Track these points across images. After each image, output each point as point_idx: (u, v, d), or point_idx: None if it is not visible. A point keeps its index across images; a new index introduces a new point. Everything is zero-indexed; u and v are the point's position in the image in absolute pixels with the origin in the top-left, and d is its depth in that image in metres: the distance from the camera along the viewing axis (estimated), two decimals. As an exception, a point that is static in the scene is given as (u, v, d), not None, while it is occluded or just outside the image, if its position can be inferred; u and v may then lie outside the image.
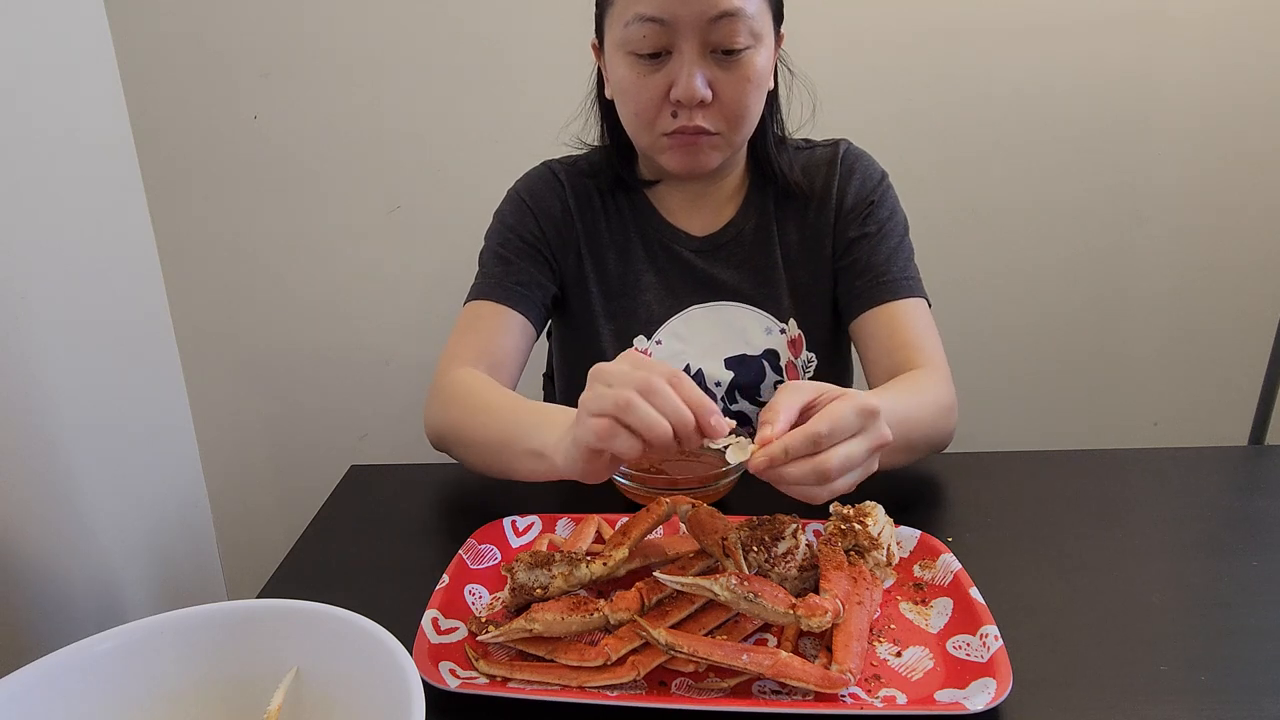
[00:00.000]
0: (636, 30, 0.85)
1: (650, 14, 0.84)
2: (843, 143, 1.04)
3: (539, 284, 1.00)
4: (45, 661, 0.51)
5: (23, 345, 0.91)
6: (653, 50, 0.86)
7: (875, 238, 0.99)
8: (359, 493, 0.91)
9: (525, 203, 1.02)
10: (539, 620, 0.59)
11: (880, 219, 1.00)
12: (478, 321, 0.97)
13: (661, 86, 0.88)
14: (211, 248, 1.60)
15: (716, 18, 0.84)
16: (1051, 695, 0.57)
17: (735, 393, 1.00)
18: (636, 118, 0.91)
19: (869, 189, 1.01)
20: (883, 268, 0.98)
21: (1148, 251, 1.69)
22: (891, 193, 1.03)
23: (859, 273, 0.99)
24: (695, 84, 0.86)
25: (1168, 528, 0.79)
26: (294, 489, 1.75)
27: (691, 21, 0.84)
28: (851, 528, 0.69)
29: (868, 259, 0.99)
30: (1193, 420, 1.81)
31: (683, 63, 0.86)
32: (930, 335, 0.95)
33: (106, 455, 1.04)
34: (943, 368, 0.92)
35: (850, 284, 0.99)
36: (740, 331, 1.00)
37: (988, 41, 1.54)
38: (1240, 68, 1.57)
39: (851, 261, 0.99)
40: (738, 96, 0.88)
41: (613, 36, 0.90)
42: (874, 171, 1.03)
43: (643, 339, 1.00)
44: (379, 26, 1.50)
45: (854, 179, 1.01)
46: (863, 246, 0.99)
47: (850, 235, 1.00)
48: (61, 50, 0.99)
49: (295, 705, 0.54)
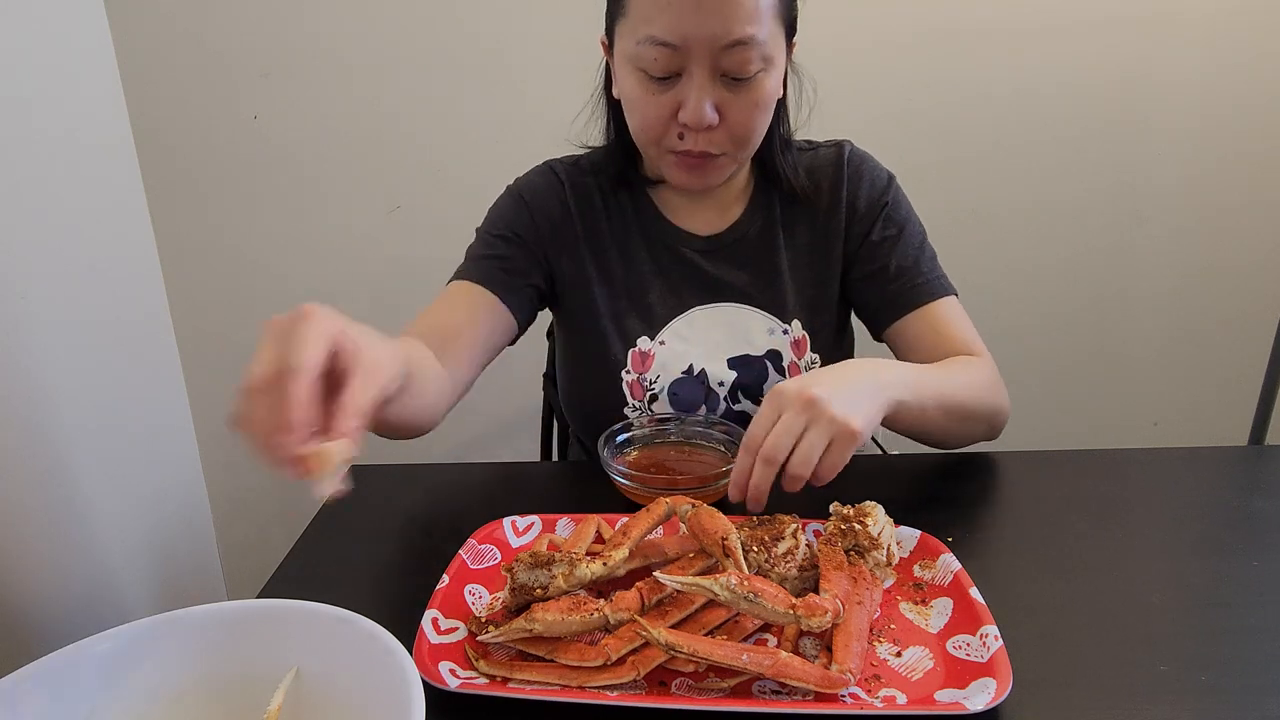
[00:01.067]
0: (648, 51, 0.84)
1: (663, 38, 0.83)
2: (846, 144, 1.04)
3: (520, 271, 0.98)
4: (45, 661, 0.51)
5: (23, 345, 0.91)
6: (663, 73, 0.85)
7: (898, 240, 0.99)
8: (359, 493, 0.91)
9: (523, 199, 1.02)
10: (539, 620, 0.59)
11: (899, 220, 1.00)
12: (442, 299, 0.96)
13: (670, 106, 0.87)
14: (211, 248, 1.60)
15: (729, 45, 0.82)
16: (1051, 695, 0.57)
17: (738, 392, 0.99)
18: (643, 133, 0.91)
19: (879, 191, 1.01)
20: (914, 270, 0.98)
21: (1148, 251, 1.69)
22: (902, 193, 1.03)
23: (891, 277, 0.98)
24: (704, 110, 0.85)
25: (1168, 528, 0.79)
26: (294, 489, 1.74)
27: (703, 47, 0.83)
28: (851, 528, 0.69)
29: (898, 263, 0.98)
30: (1193, 420, 1.81)
31: (692, 87, 0.85)
32: (970, 329, 0.98)
33: (106, 455, 1.04)
34: (987, 354, 0.97)
35: (883, 289, 0.99)
36: (743, 332, 1.00)
37: (988, 41, 1.54)
38: (1240, 68, 1.57)
39: (879, 267, 0.99)
40: (745, 120, 0.88)
41: (623, 48, 0.88)
42: (881, 173, 1.03)
43: (646, 339, 1.00)
44: (379, 26, 1.50)
45: (863, 182, 1.01)
46: (887, 250, 0.99)
47: (872, 239, 0.99)
48: (61, 50, 0.99)
49: (295, 705, 0.54)
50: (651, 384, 0.98)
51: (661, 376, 0.98)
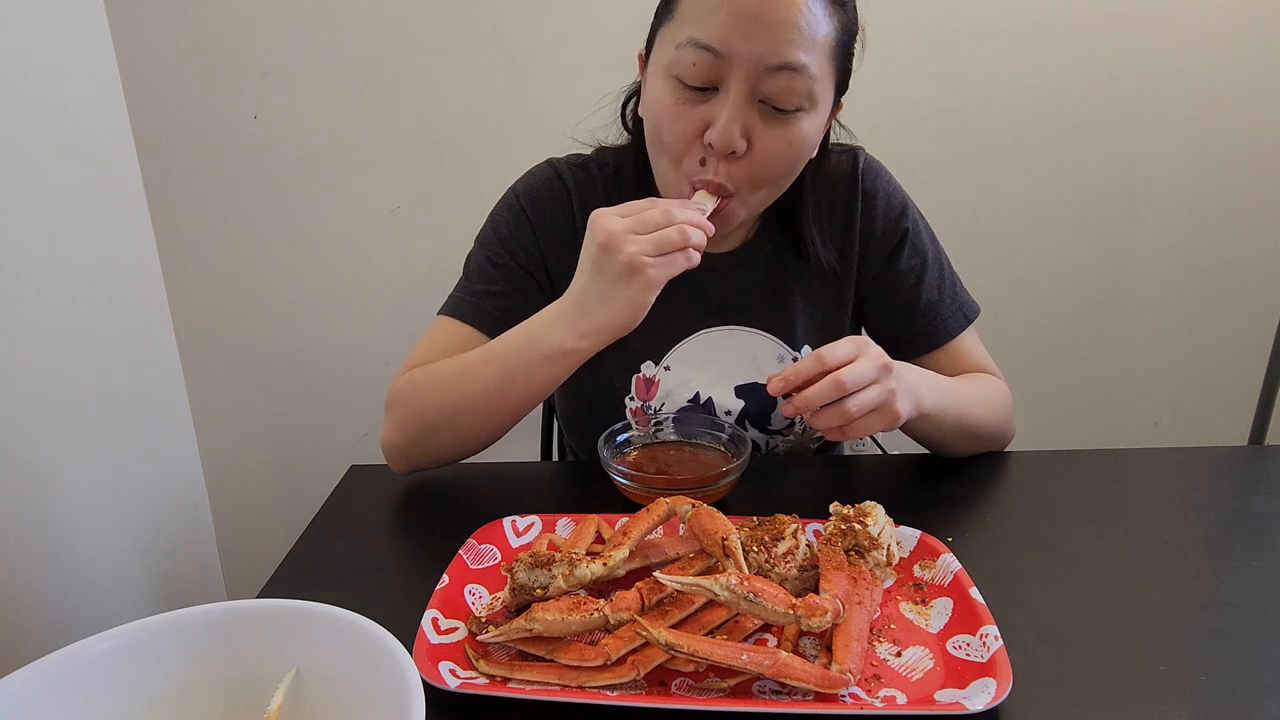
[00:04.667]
0: (688, 55, 0.78)
1: (706, 41, 0.77)
2: (860, 153, 0.98)
3: (518, 310, 0.88)
4: (45, 661, 0.51)
5: (23, 345, 0.91)
6: (700, 82, 0.79)
7: (924, 271, 0.97)
8: (359, 493, 0.91)
9: (524, 211, 0.95)
10: (539, 620, 0.59)
11: (921, 249, 0.97)
12: (444, 340, 0.91)
13: (698, 122, 0.80)
14: (211, 248, 1.60)
15: (776, 67, 0.76)
16: (1051, 695, 0.57)
17: (745, 421, 0.96)
18: (666, 149, 0.84)
19: (896, 213, 0.97)
20: (937, 305, 0.97)
21: (1148, 251, 1.69)
22: (918, 213, 0.99)
23: (920, 313, 0.96)
24: (733, 132, 0.78)
25: (1168, 528, 0.79)
26: (294, 489, 1.75)
27: (748, 62, 0.76)
28: (851, 528, 0.69)
29: (926, 297, 0.96)
30: (1193, 420, 1.81)
31: (726, 103, 0.78)
32: (985, 356, 1.00)
33: (107, 455, 1.04)
34: (1002, 376, 0.98)
35: (909, 324, 0.97)
36: (751, 359, 0.96)
37: (988, 41, 1.54)
38: (1240, 68, 1.57)
39: (906, 301, 0.97)
40: (773, 156, 0.81)
41: (661, 55, 0.82)
42: (898, 194, 0.98)
43: (650, 364, 0.96)
44: (379, 26, 1.50)
45: (878, 202, 0.97)
46: (914, 282, 0.96)
47: (898, 268, 0.96)
48: (61, 50, 0.99)
49: (295, 705, 0.54)
50: (656, 411, 0.96)
51: (667, 404, 0.96)
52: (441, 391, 0.85)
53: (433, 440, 0.87)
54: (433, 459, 0.89)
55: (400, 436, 0.88)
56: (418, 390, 0.87)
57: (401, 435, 0.88)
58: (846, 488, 0.75)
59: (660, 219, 0.74)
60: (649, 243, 0.73)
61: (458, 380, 0.84)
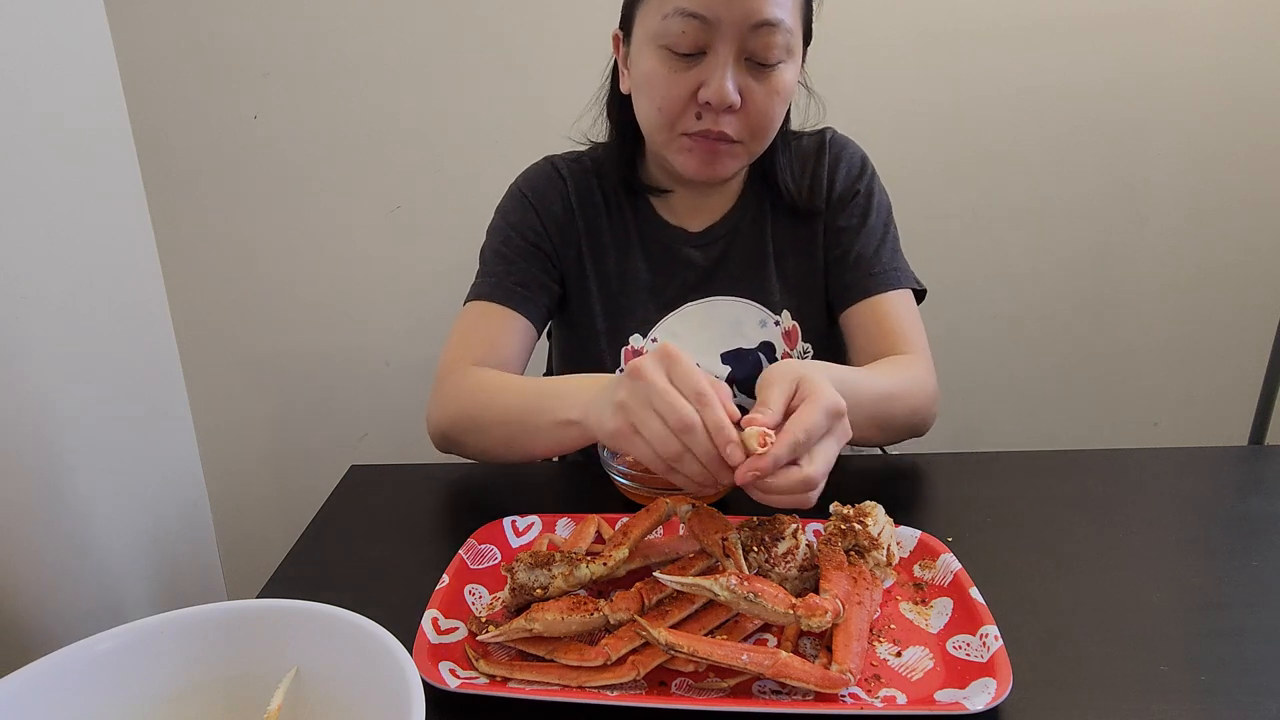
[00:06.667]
0: (676, 24, 0.84)
1: (693, 9, 0.83)
2: (828, 130, 1.05)
3: (541, 284, 1.00)
4: (45, 661, 0.51)
5: (23, 345, 0.91)
6: (690, 49, 0.85)
7: (861, 229, 1.00)
8: (359, 493, 0.91)
9: (528, 198, 1.02)
10: (539, 620, 0.59)
11: (866, 208, 1.01)
12: (480, 322, 0.97)
13: (690, 85, 0.86)
14: (211, 248, 1.60)
15: (757, 25, 0.83)
16: (1051, 695, 0.57)
17: (732, 388, 0.99)
18: (659, 113, 0.89)
19: (854, 175, 1.02)
20: (871, 260, 0.99)
21: (1148, 251, 1.69)
22: (876, 179, 1.04)
23: (849, 266, 1.00)
24: (728, 87, 0.85)
25: (1168, 528, 0.79)
26: (294, 489, 1.75)
27: (733, 24, 0.83)
28: (851, 528, 0.69)
29: (857, 251, 1.00)
30: (1193, 420, 1.81)
31: (716, 64, 0.85)
32: (914, 324, 0.98)
33: (106, 455, 1.04)
34: (925, 354, 0.96)
35: (840, 277, 1.01)
36: (735, 325, 1.00)
37: (988, 41, 1.54)
38: (1240, 68, 1.57)
39: (841, 254, 1.01)
40: (765, 108, 0.88)
41: (646, 28, 0.88)
42: (857, 157, 1.04)
43: (638, 337, 1.00)
44: (379, 26, 1.50)
45: (840, 166, 1.02)
46: (850, 238, 1.00)
47: (839, 224, 1.01)
48: (61, 50, 0.99)
49: (295, 705, 0.54)
50: None
51: None
52: (480, 401, 0.89)
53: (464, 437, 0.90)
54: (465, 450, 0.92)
55: (437, 425, 0.92)
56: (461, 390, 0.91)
57: (439, 424, 0.92)
58: (846, 488, 0.75)
59: (689, 420, 0.63)
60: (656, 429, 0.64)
61: (495, 397, 0.88)
